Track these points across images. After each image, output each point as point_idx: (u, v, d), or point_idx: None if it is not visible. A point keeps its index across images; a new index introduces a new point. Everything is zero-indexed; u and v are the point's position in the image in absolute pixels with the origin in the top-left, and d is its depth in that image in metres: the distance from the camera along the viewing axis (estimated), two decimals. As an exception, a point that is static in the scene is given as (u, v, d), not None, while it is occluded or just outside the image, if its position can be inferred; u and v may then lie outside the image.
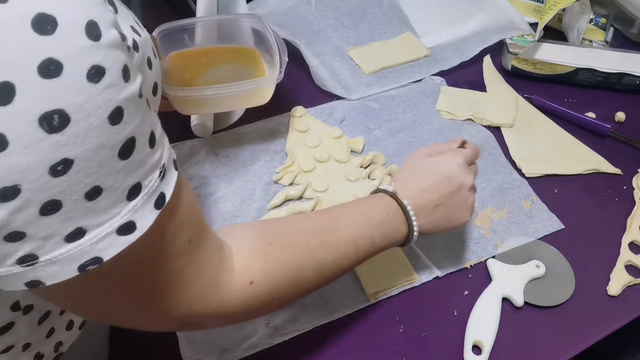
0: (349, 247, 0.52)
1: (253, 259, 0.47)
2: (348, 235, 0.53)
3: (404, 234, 0.57)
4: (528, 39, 0.95)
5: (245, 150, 0.78)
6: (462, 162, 0.60)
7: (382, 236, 0.55)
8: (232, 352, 0.59)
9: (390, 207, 0.57)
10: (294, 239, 0.51)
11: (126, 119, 0.32)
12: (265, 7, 0.99)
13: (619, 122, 0.89)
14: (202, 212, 0.44)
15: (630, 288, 0.68)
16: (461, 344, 0.61)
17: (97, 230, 0.33)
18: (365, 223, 0.55)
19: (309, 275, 0.50)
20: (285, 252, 0.49)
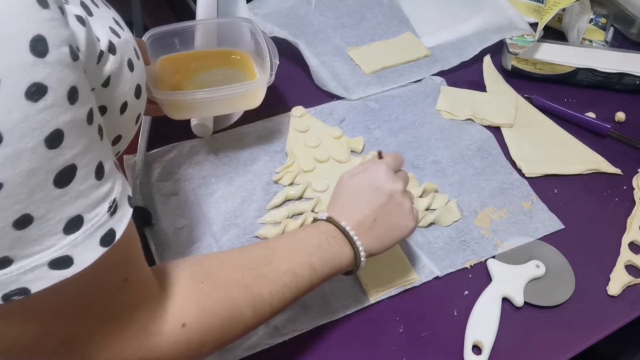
0: (287, 277, 0.50)
1: (185, 300, 0.44)
2: (285, 265, 0.51)
3: (349, 256, 0.55)
4: (528, 39, 0.95)
5: (245, 150, 0.78)
6: (385, 170, 0.59)
7: (322, 261, 0.53)
8: (232, 352, 0.59)
9: (327, 231, 0.55)
10: (228, 275, 0.48)
11: (66, 144, 0.30)
12: (265, 7, 0.99)
13: (619, 122, 0.89)
14: (141, 249, 0.42)
15: (630, 288, 0.68)
16: (461, 344, 0.61)
17: (26, 261, 0.31)
18: (302, 251, 0.53)
19: (245, 312, 0.47)
20: (218, 291, 0.46)
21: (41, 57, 0.28)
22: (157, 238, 0.67)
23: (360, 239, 0.56)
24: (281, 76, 0.90)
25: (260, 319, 0.50)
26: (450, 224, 0.72)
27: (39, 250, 0.31)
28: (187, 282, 0.46)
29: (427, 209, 0.72)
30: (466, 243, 0.70)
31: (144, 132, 0.77)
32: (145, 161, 0.74)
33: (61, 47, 0.29)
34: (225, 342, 0.48)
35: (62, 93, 0.29)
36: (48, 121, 0.29)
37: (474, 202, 0.75)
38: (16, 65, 0.28)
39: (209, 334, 0.45)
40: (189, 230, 0.68)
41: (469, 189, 0.76)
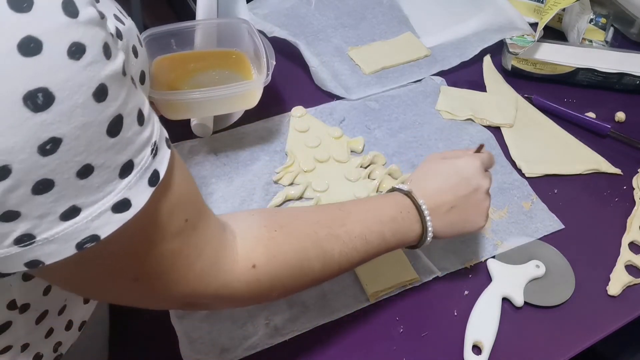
0: (358, 241, 0.52)
1: (256, 244, 0.46)
2: (358, 229, 0.52)
3: (417, 234, 0.57)
4: (528, 39, 0.95)
5: (245, 150, 0.78)
6: (479, 165, 0.60)
7: (393, 233, 0.54)
8: (232, 352, 0.59)
9: (404, 205, 0.56)
10: (302, 228, 0.50)
11: (111, 97, 0.32)
12: (265, 7, 0.99)
13: (619, 122, 0.89)
14: (200, 194, 0.44)
15: (630, 288, 0.68)
16: (461, 344, 0.61)
17: (92, 208, 0.33)
18: (376, 219, 0.54)
19: (314, 265, 0.49)
20: (291, 240, 0.48)
21: (74, 18, 0.30)
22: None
23: (432, 221, 0.56)
24: (281, 76, 0.90)
25: (327, 275, 0.51)
26: (450, 224, 0.72)
27: (102, 197, 0.33)
28: (260, 229, 0.48)
29: (427, 209, 0.72)
30: (466, 243, 0.70)
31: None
32: (145, 161, 0.74)
33: (88, 7, 0.31)
34: (292, 289, 0.50)
35: (98, 50, 0.31)
36: (92, 77, 0.30)
37: (474, 202, 0.75)
38: (54, 27, 0.29)
39: (278, 279, 0.47)
40: (189, 230, 0.68)
41: (469, 189, 0.76)
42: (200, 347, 0.59)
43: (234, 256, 0.45)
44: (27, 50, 0.28)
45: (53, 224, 0.32)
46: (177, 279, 0.41)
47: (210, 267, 0.43)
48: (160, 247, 0.39)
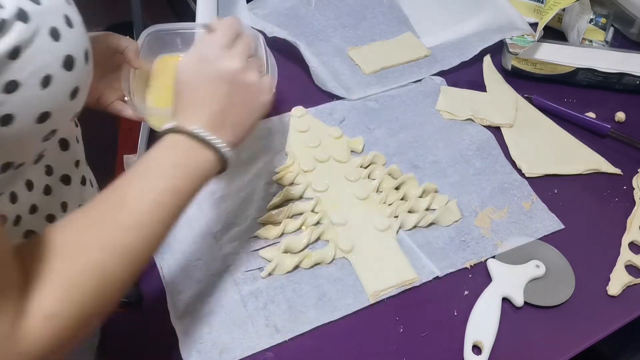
0: (153, 214, 0.45)
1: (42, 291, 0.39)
2: (144, 203, 0.45)
3: (213, 159, 0.50)
4: (528, 39, 0.95)
5: (245, 150, 0.78)
6: (216, 51, 0.52)
7: (185, 178, 0.48)
8: (232, 352, 0.59)
9: (180, 143, 0.49)
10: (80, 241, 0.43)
11: None
12: (265, 7, 0.99)
13: (619, 122, 0.89)
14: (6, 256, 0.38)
15: (630, 288, 0.68)
16: (461, 344, 0.61)
17: None
18: (157, 179, 0.47)
19: (116, 270, 0.43)
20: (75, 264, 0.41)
21: None
22: (157, 238, 0.67)
23: (218, 136, 0.50)
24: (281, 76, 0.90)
25: (138, 262, 0.45)
26: (450, 224, 0.72)
27: None
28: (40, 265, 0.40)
29: (427, 209, 0.72)
30: (466, 243, 0.70)
31: (144, 132, 0.77)
32: (145, 161, 0.74)
33: None
34: (108, 306, 0.44)
35: None
36: None
37: (474, 202, 0.75)
38: None
39: (86, 311, 0.41)
40: (189, 230, 0.68)
41: (469, 189, 0.76)
42: (200, 347, 0.59)
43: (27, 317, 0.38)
44: None
45: None
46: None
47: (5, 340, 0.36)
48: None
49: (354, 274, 0.66)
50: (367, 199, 0.73)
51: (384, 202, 0.73)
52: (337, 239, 0.69)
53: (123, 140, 0.76)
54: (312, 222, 0.70)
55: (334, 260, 0.67)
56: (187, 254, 0.66)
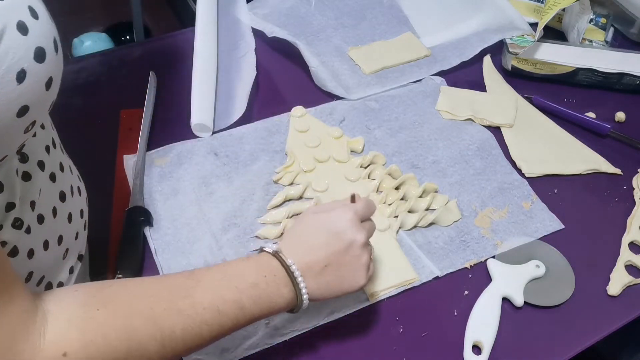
0: (207, 314, 0.46)
1: (69, 327, 0.40)
2: (207, 300, 0.46)
3: (287, 299, 0.51)
4: (528, 39, 0.95)
5: (245, 150, 0.78)
6: (351, 217, 0.55)
7: (254, 301, 0.49)
8: (232, 351, 0.59)
9: (270, 267, 0.51)
10: (132, 304, 0.44)
11: None
12: (265, 7, 0.99)
13: (619, 122, 0.89)
14: (8, 270, 0.39)
15: (630, 288, 0.68)
16: (461, 344, 0.61)
17: None
18: (231, 286, 0.48)
19: (149, 347, 0.43)
20: (115, 321, 0.42)
21: None
22: (157, 238, 0.67)
23: (306, 282, 0.52)
24: (281, 76, 0.91)
25: (169, 355, 0.45)
26: (450, 224, 0.72)
27: None
28: (77, 308, 0.42)
29: (427, 209, 0.72)
30: (466, 243, 0.70)
31: (144, 132, 0.77)
32: (145, 161, 0.74)
33: None
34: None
35: None
36: None
37: (474, 202, 0.75)
38: None
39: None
40: (189, 230, 0.68)
41: (469, 189, 0.76)
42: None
43: (38, 343, 0.39)
44: None
45: None
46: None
47: (4, 355, 0.37)
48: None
49: (354, 274, 0.66)
50: (367, 199, 0.73)
51: (384, 202, 0.73)
52: (337, 239, 0.68)
53: (123, 140, 0.76)
54: (312, 222, 0.70)
55: (334, 260, 0.67)
56: (187, 254, 0.66)
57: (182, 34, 0.95)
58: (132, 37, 1.80)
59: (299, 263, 0.52)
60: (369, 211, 0.58)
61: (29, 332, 0.39)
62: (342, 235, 0.54)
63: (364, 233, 0.55)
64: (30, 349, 0.39)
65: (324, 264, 0.53)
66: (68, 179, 0.53)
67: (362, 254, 0.55)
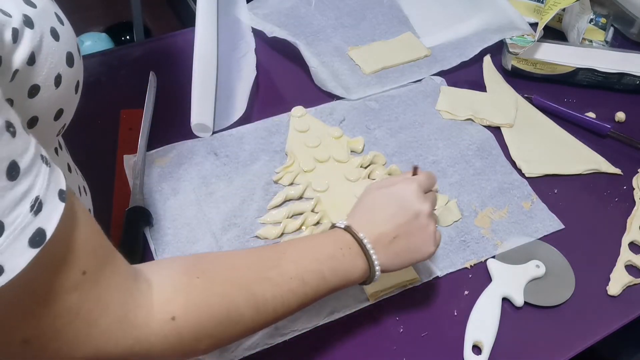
0: (294, 283, 0.49)
1: (174, 293, 0.43)
2: (292, 270, 0.49)
3: (362, 270, 0.54)
4: (528, 39, 0.95)
5: (245, 150, 0.78)
6: (415, 189, 0.57)
7: (333, 271, 0.52)
8: (232, 351, 0.59)
9: (344, 241, 0.54)
10: (227, 272, 0.47)
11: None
12: (265, 7, 0.99)
13: (619, 122, 0.89)
14: (105, 240, 0.40)
15: (630, 288, 0.68)
16: (461, 344, 0.61)
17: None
18: (312, 257, 0.51)
19: (244, 312, 0.46)
20: (214, 286, 0.45)
21: None
22: (157, 238, 0.67)
23: (377, 254, 0.54)
24: (281, 76, 0.90)
25: (262, 321, 0.48)
26: (450, 224, 0.72)
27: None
28: (180, 276, 0.45)
29: (427, 209, 0.72)
30: (466, 243, 0.70)
31: (144, 132, 0.77)
32: (145, 161, 0.74)
33: None
34: (223, 340, 0.47)
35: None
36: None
37: (474, 202, 0.75)
38: None
39: (203, 331, 0.44)
40: (189, 230, 0.68)
41: (469, 189, 0.76)
42: (200, 347, 0.59)
43: (148, 308, 0.41)
44: None
45: None
46: (77, 339, 0.37)
47: (118, 323, 0.39)
48: (52, 306, 0.35)
49: (354, 274, 0.66)
50: (367, 199, 0.73)
51: (384, 202, 0.73)
52: (337, 239, 0.68)
53: (123, 140, 0.76)
54: (312, 222, 0.70)
55: (334, 260, 0.67)
56: (187, 254, 0.66)
57: (182, 34, 0.95)
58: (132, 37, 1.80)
59: (370, 236, 0.54)
60: (431, 183, 0.61)
61: (139, 299, 0.41)
62: (408, 206, 0.56)
63: (429, 203, 0.58)
64: (144, 315, 0.41)
65: (393, 235, 0.55)
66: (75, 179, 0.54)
67: (428, 223, 0.57)
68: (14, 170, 0.31)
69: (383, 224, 0.55)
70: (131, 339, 0.40)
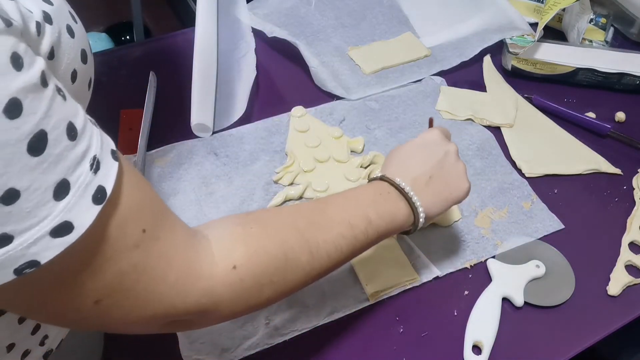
0: (341, 227, 0.50)
1: (233, 243, 0.44)
2: (338, 215, 0.51)
3: (405, 212, 0.55)
4: (528, 39, 0.95)
5: (245, 150, 0.78)
6: (438, 133, 0.60)
7: (377, 214, 0.53)
8: (232, 352, 0.59)
9: (382, 187, 0.56)
10: (278, 220, 0.49)
11: (27, 111, 0.29)
12: (265, 7, 0.99)
13: (619, 122, 0.89)
14: (160, 200, 0.41)
15: (630, 288, 0.68)
16: (461, 344, 0.61)
17: (27, 234, 0.30)
18: (355, 204, 0.53)
19: (300, 257, 0.47)
20: (269, 232, 0.46)
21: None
22: (157, 238, 0.67)
23: (417, 195, 0.56)
24: (281, 76, 0.91)
25: (317, 266, 0.49)
26: (450, 224, 0.72)
27: (37, 222, 0.31)
28: (235, 227, 0.46)
29: (427, 209, 0.72)
30: (466, 243, 0.70)
31: (144, 132, 0.77)
32: (145, 161, 0.74)
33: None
34: (284, 287, 0.47)
35: (5, 60, 0.28)
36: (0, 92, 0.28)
37: (474, 202, 0.75)
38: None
39: (264, 276, 0.45)
40: (189, 230, 0.68)
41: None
42: (200, 347, 0.59)
43: (210, 259, 0.42)
44: None
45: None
46: (146, 296, 0.38)
47: (185, 276, 0.40)
48: (118, 263, 0.36)
49: (354, 274, 0.66)
50: (367, 199, 0.73)
51: (384, 202, 0.73)
52: (337, 239, 0.68)
53: (123, 140, 0.77)
54: (312, 222, 0.70)
55: (334, 260, 0.67)
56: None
57: (182, 34, 0.95)
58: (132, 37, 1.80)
59: (406, 180, 0.56)
60: (448, 134, 0.63)
61: (200, 253, 0.42)
62: (436, 147, 0.59)
63: (453, 145, 0.60)
64: (208, 266, 0.42)
65: (427, 176, 0.57)
66: None
67: (458, 161, 0.60)
68: (72, 130, 0.32)
69: (416, 168, 0.57)
70: (197, 292, 0.41)
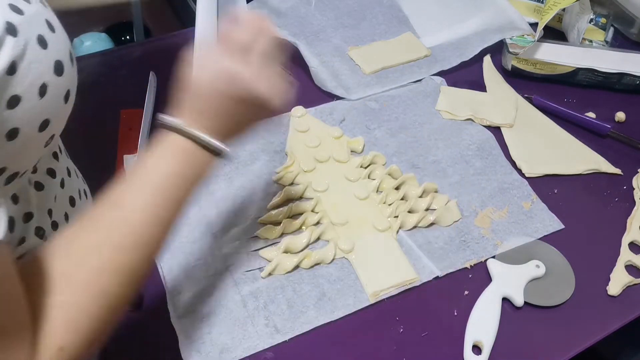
0: (152, 230, 0.45)
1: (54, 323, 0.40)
2: (145, 221, 0.44)
3: (213, 162, 0.49)
4: (528, 39, 0.95)
5: (245, 150, 0.78)
6: (232, 52, 0.49)
7: (186, 188, 0.47)
8: (232, 351, 0.59)
9: (184, 149, 0.48)
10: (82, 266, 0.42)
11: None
12: (265, 7, 0.99)
13: (619, 122, 0.89)
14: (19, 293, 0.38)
15: (630, 288, 0.68)
16: (461, 344, 0.61)
17: None
18: (159, 194, 0.46)
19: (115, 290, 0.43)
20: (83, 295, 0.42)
21: None
22: (157, 238, 0.67)
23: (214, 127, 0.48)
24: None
25: (140, 279, 0.45)
26: (450, 224, 0.72)
27: None
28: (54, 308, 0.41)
29: (427, 209, 0.72)
30: (466, 243, 0.70)
31: (144, 132, 0.77)
32: (145, 161, 0.74)
33: None
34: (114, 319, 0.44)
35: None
36: None
37: (474, 202, 0.75)
38: None
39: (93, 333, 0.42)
40: (189, 230, 0.68)
41: (469, 189, 0.76)
42: (200, 347, 0.59)
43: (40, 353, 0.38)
44: None
45: None
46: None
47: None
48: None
49: (354, 274, 0.66)
50: (367, 199, 0.73)
51: (384, 202, 0.73)
52: (337, 239, 0.69)
53: (123, 140, 0.77)
54: (312, 222, 0.70)
55: (334, 260, 0.67)
56: (187, 254, 0.66)
57: (182, 34, 0.95)
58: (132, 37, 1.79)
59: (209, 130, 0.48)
60: (255, 28, 0.51)
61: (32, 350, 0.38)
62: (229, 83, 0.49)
63: (252, 63, 0.49)
64: None
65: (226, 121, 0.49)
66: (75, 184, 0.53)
67: (259, 85, 0.49)
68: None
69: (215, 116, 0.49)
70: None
